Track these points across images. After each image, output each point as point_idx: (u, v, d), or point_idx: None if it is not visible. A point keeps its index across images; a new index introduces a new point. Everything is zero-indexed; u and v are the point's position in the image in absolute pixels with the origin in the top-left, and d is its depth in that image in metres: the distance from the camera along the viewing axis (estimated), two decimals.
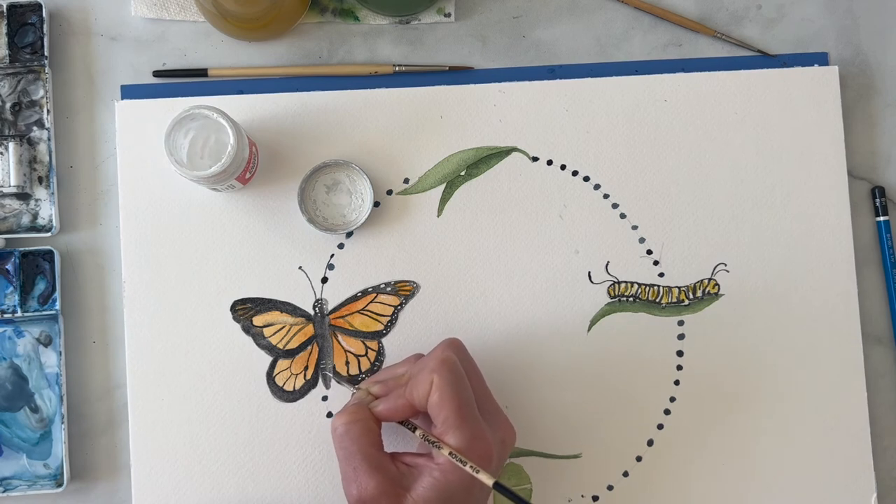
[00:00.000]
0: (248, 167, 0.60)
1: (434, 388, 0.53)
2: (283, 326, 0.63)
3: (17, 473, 0.62)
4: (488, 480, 0.52)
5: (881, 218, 0.65)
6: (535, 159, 0.64)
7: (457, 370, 0.54)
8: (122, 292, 0.63)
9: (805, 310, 0.64)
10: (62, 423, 0.62)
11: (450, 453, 0.52)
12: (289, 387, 0.63)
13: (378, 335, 0.63)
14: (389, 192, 0.64)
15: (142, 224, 0.63)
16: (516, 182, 0.64)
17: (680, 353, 0.64)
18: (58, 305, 0.62)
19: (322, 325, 0.63)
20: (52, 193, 0.63)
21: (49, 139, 0.63)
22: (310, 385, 0.63)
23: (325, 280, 0.63)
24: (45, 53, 0.63)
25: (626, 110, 0.65)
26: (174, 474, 0.62)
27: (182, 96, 0.64)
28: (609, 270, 0.64)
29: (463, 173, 0.64)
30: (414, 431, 0.55)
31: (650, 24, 0.66)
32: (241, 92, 0.64)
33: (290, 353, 0.63)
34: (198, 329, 0.63)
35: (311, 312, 0.63)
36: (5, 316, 0.62)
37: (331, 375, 0.62)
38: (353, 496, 0.53)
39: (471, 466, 0.52)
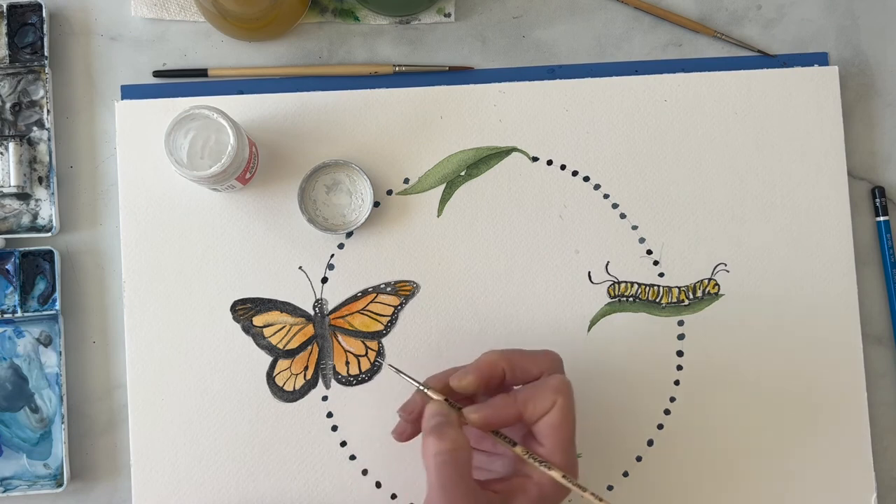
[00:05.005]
0: (248, 167, 0.60)
1: (557, 408, 0.52)
2: (283, 326, 0.63)
3: (17, 473, 0.62)
4: None
5: (881, 218, 0.65)
6: (535, 159, 0.64)
7: (573, 396, 0.53)
8: (122, 292, 0.63)
9: (805, 310, 0.64)
10: (62, 423, 0.62)
11: (563, 476, 0.51)
12: (289, 387, 0.63)
13: (378, 335, 0.63)
14: (389, 192, 0.64)
15: (142, 224, 0.63)
16: (516, 182, 0.64)
17: (680, 353, 0.64)
18: (58, 305, 0.62)
19: (322, 325, 0.63)
20: (52, 193, 0.63)
21: (49, 139, 0.63)
22: (310, 385, 0.63)
23: (325, 280, 0.63)
24: (45, 53, 0.63)
25: (626, 110, 0.65)
26: (174, 474, 0.62)
27: (182, 96, 0.64)
28: (609, 270, 0.64)
29: (463, 173, 0.64)
30: (513, 447, 0.53)
31: (650, 24, 0.66)
32: (241, 92, 0.64)
33: (290, 353, 0.63)
34: (198, 329, 0.63)
35: (311, 312, 0.63)
36: (5, 316, 0.62)
37: (394, 367, 0.58)
38: None
39: (592, 493, 0.51)
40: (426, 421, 0.53)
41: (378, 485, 0.63)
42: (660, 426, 0.64)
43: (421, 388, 0.55)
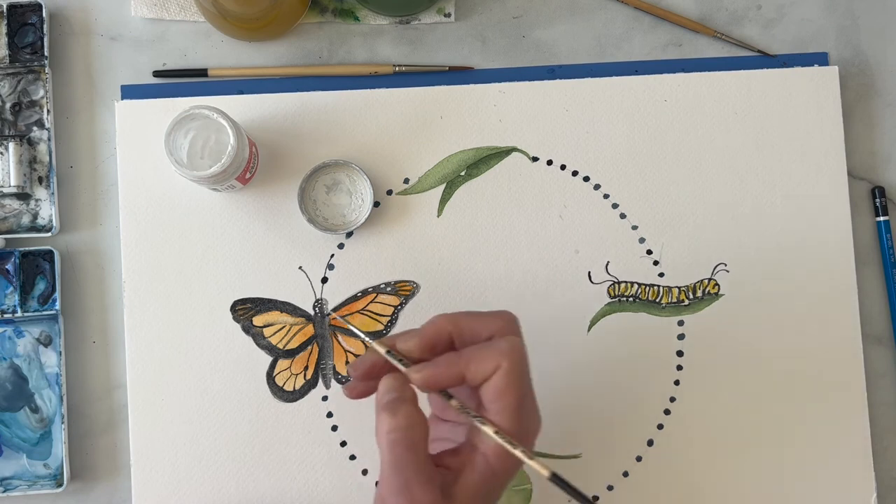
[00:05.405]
0: (248, 167, 0.60)
1: (501, 373, 0.48)
2: (283, 326, 0.63)
3: (17, 473, 0.62)
4: (544, 470, 0.48)
5: (881, 218, 0.65)
6: (535, 159, 0.64)
7: (525, 361, 0.49)
8: (122, 292, 0.63)
9: (805, 310, 0.64)
10: (62, 423, 0.62)
11: (496, 433, 0.48)
12: (289, 387, 0.63)
13: (378, 335, 0.63)
14: (389, 192, 0.64)
15: (142, 224, 0.63)
16: (516, 182, 0.64)
17: (680, 353, 0.64)
18: (58, 305, 0.62)
19: (322, 325, 0.63)
20: (52, 193, 0.63)
21: (49, 139, 0.63)
22: (310, 385, 0.63)
23: (325, 280, 0.63)
24: (45, 53, 0.63)
25: (626, 110, 0.65)
26: (174, 474, 0.62)
27: (182, 96, 0.64)
28: (609, 270, 0.64)
29: (463, 173, 0.64)
30: (459, 410, 0.50)
31: (650, 24, 0.66)
32: (241, 92, 0.64)
33: (290, 353, 0.63)
34: (198, 329, 0.63)
35: (311, 312, 0.63)
36: (5, 316, 0.62)
37: (341, 319, 0.55)
38: None
39: (522, 451, 0.48)
40: (380, 396, 0.50)
41: (378, 484, 0.63)
42: (660, 426, 0.64)
43: (367, 341, 0.52)
